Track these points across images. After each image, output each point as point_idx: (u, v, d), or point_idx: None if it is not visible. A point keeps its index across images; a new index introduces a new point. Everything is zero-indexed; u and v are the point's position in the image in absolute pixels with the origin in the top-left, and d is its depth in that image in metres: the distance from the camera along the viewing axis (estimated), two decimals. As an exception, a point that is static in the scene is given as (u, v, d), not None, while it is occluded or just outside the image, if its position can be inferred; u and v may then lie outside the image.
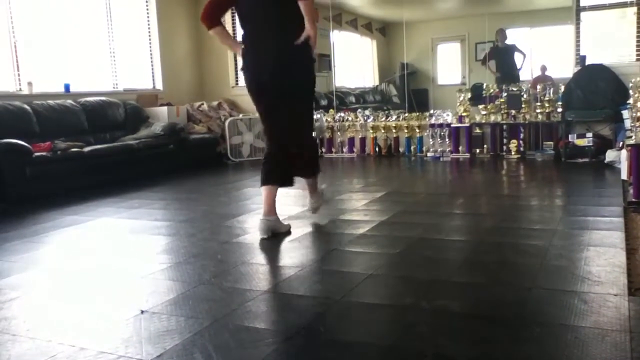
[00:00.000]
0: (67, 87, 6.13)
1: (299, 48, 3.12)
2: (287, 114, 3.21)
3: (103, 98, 6.29)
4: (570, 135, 5.77)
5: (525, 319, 1.93)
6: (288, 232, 3.27)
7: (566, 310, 1.96)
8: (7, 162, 4.54)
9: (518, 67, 7.76)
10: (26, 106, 5.34)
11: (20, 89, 5.71)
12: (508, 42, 7.77)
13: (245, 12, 3.23)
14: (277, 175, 3.25)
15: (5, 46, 5.58)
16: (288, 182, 3.32)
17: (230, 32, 3.41)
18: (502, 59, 7.81)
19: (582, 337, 1.75)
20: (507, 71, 7.68)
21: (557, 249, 2.72)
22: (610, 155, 5.31)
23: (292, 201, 4.11)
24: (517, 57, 7.78)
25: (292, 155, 3.27)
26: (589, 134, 5.68)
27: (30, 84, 5.73)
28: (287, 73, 3.15)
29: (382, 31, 9.93)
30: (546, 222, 3.34)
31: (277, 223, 3.23)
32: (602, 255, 2.57)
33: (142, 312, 2.12)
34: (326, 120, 7.28)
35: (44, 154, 4.85)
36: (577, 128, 5.90)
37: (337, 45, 8.56)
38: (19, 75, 5.70)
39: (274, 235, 3.18)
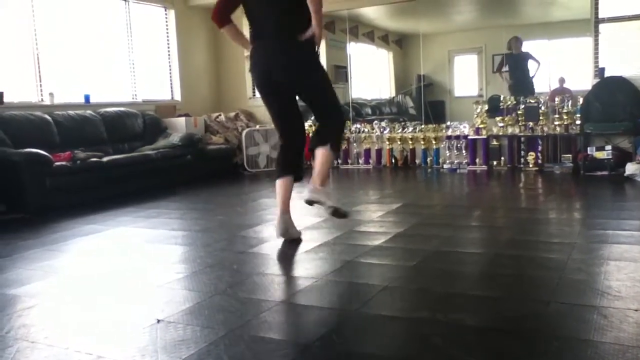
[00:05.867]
0: (87, 97, 6.23)
1: (306, 45, 3.15)
2: (306, 99, 3.29)
3: (122, 109, 6.38)
4: (589, 148, 5.71)
5: (543, 333, 1.91)
6: (299, 240, 3.32)
7: (585, 325, 1.93)
8: (28, 171, 4.62)
9: (531, 74, 7.69)
10: (47, 116, 5.44)
11: (42, 100, 5.82)
12: (523, 49, 7.70)
13: (253, 10, 3.26)
14: (288, 170, 3.29)
15: (28, 58, 5.70)
16: (298, 177, 3.35)
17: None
18: (516, 66, 7.74)
19: (602, 353, 1.72)
20: (520, 79, 7.61)
21: (576, 262, 2.69)
22: (630, 169, 5.24)
23: (307, 211, 4.10)
24: (531, 64, 7.71)
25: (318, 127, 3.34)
26: (608, 147, 5.62)
27: (51, 94, 5.84)
28: (296, 69, 3.17)
29: (399, 43, 9.94)
30: (565, 236, 3.30)
31: (291, 224, 3.30)
32: (622, 270, 2.53)
33: (158, 321, 2.14)
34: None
35: (63, 163, 4.91)
36: (596, 141, 5.84)
37: (353, 57, 8.59)
38: (41, 86, 5.81)
39: (286, 239, 3.27)
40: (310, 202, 3.25)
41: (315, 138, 3.30)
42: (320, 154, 3.21)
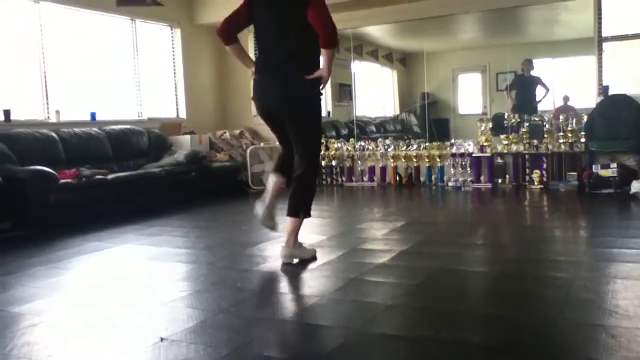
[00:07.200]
0: (93, 115, 6.27)
1: (306, 84, 3.15)
2: (292, 139, 3.29)
3: (127, 126, 6.41)
4: (594, 166, 5.70)
5: (550, 352, 1.89)
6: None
7: (594, 345, 1.91)
8: (34, 188, 4.63)
9: (538, 99, 7.72)
10: (53, 134, 5.47)
11: (48, 117, 5.86)
12: (534, 73, 7.74)
13: (260, 38, 3.28)
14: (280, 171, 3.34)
15: (35, 76, 5.76)
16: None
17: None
18: (524, 88, 7.78)
19: (610, 373, 1.70)
20: (525, 101, 7.63)
21: (582, 281, 2.67)
22: (635, 186, 5.21)
23: (311, 229, 4.10)
24: (540, 90, 7.74)
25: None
26: (613, 165, 5.60)
27: (58, 112, 5.88)
28: (290, 107, 3.19)
29: (403, 62, 10.01)
30: (571, 254, 3.28)
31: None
32: (629, 288, 2.51)
33: (162, 339, 2.12)
34: (347, 149, 7.30)
35: (69, 180, 4.93)
36: (600, 158, 5.83)
37: (357, 76, 8.64)
38: (47, 104, 5.86)
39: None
40: (287, 260, 3.26)
41: (288, 206, 3.26)
42: (291, 222, 3.24)
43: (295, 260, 3.25)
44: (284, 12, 3.15)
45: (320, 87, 3.22)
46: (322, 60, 3.17)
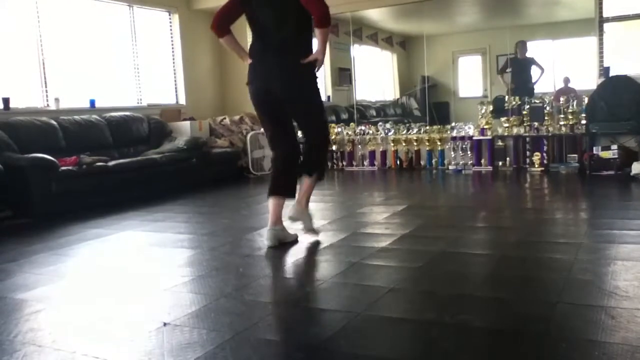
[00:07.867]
0: (92, 102, 6.25)
1: (306, 67, 3.20)
2: (295, 116, 3.38)
3: (127, 113, 6.40)
4: (594, 148, 5.69)
5: (550, 334, 1.90)
6: (295, 241, 3.37)
7: (593, 326, 1.92)
8: (34, 176, 4.64)
9: (534, 80, 7.68)
10: (53, 121, 5.46)
11: (47, 105, 5.85)
12: (528, 55, 7.70)
13: (258, 28, 3.30)
14: (282, 187, 3.37)
15: (33, 63, 5.73)
16: (292, 194, 3.39)
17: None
18: (519, 70, 7.74)
19: (610, 354, 1.72)
20: (521, 83, 7.61)
21: (582, 263, 2.68)
22: (636, 168, 5.21)
23: (312, 214, 4.10)
24: (535, 70, 7.70)
25: (302, 149, 3.41)
26: (614, 146, 5.60)
27: (57, 99, 5.87)
28: (294, 89, 3.25)
29: (403, 45, 9.95)
30: (571, 236, 3.29)
31: (284, 232, 3.36)
32: (629, 270, 2.52)
33: (165, 324, 2.14)
34: (347, 133, 7.29)
35: (69, 168, 4.93)
36: (601, 140, 5.82)
37: (357, 59, 8.60)
38: (46, 91, 5.84)
39: (282, 244, 3.29)
40: (293, 220, 3.43)
41: (301, 166, 3.40)
42: (305, 183, 3.40)
43: (299, 225, 3.38)
44: (280, 10, 3.20)
45: (315, 69, 3.26)
46: (317, 41, 3.22)
